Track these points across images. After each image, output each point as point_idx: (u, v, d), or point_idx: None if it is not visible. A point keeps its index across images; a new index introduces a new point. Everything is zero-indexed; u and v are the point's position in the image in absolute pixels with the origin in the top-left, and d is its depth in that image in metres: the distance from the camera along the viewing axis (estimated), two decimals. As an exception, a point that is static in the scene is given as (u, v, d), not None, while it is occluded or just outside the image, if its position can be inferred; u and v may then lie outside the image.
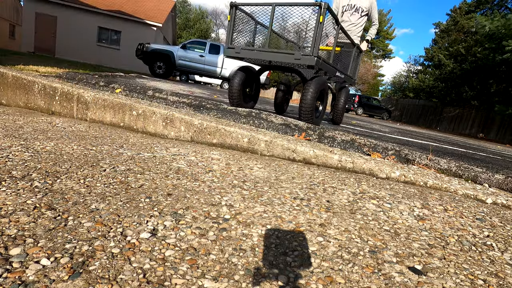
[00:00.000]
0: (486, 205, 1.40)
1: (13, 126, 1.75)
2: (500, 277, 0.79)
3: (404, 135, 4.26)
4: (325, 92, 2.84)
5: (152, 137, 2.04)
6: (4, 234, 0.70)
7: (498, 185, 1.70)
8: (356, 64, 3.81)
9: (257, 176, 1.41)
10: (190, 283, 0.62)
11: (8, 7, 21.46)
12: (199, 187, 1.17)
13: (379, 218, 1.08)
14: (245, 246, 0.79)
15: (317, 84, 2.58)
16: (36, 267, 0.60)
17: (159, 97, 2.71)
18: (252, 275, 0.67)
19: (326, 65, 2.62)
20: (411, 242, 0.93)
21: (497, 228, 1.12)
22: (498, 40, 12.22)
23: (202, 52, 10.51)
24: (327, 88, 2.82)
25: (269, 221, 0.95)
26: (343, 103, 3.65)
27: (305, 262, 0.75)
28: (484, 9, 18.66)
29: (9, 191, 0.91)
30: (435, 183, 1.56)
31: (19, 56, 6.41)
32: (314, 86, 2.54)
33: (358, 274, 0.72)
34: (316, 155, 1.80)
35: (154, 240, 0.76)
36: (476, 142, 7.61)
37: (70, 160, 1.27)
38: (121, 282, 0.60)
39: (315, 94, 2.54)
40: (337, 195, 1.27)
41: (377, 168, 1.67)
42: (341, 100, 3.64)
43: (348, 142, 2.14)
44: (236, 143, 1.95)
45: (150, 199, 0.99)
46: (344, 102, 3.66)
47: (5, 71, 2.52)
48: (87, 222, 0.80)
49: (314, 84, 2.56)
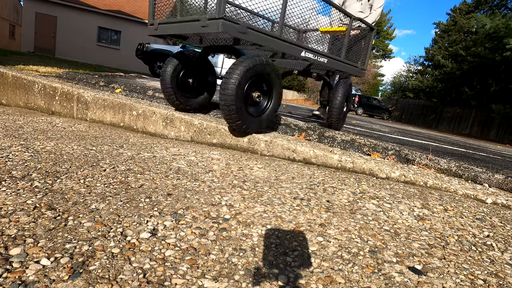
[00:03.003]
0: (486, 205, 1.40)
1: (13, 126, 1.75)
2: (500, 277, 0.79)
3: (404, 135, 4.26)
4: (266, 77, 1.84)
5: (152, 137, 2.04)
6: (4, 234, 0.70)
7: (498, 185, 1.70)
8: (360, 47, 2.92)
9: (257, 176, 1.41)
10: (190, 283, 0.62)
11: (8, 7, 21.46)
12: (199, 187, 1.17)
13: (379, 218, 1.08)
14: (245, 246, 0.79)
15: (243, 65, 1.66)
16: (36, 267, 0.60)
17: (159, 97, 2.70)
18: (252, 275, 0.67)
19: (262, 36, 1.75)
20: (411, 242, 0.93)
21: (497, 228, 1.12)
22: (498, 39, 12.23)
23: (201, 51, 10.50)
24: (269, 72, 1.83)
25: (269, 221, 0.95)
26: (339, 102, 2.71)
27: (305, 262, 0.75)
28: (484, 9, 18.67)
29: (9, 191, 0.91)
30: (435, 183, 1.56)
31: (19, 56, 6.41)
32: (237, 68, 1.66)
33: (358, 274, 0.72)
34: (316, 155, 1.80)
35: (154, 240, 0.76)
36: (476, 142, 7.61)
37: (70, 160, 1.27)
38: (121, 282, 0.60)
39: (240, 81, 1.65)
40: (337, 195, 1.27)
41: (377, 168, 1.67)
42: (337, 97, 2.71)
43: (348, 142, 2.14)
44: (236, 143, 1.95)
45: (150, 199, 0.99)
46: (340, 100, 2.71)
47: (5, 71, 2.52)
48: (87, 222, 0.80)
49: (239, 64, 1.67)
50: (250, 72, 1.71)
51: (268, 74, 1.84)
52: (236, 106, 1.68)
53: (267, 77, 1.86)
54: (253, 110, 1.88)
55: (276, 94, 1.98)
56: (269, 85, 1.93)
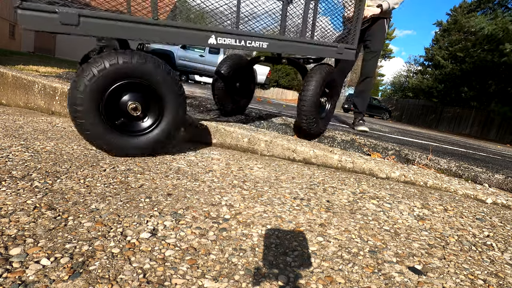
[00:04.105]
0: (486, 205, 1.40)
1: (13, 126, 1.75)
2: (500, 277, 0.79)
3: (404, 135, 4.26)
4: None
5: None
6: (4, 234, 0.70)
7: (498, 185, 1.70)
8: (339, 20, 2.16)
9: (257, 176, 1.41)
10: (190, 283, 0.62)
11: (8, 7, 21.46)
12: (199, 187, 1.17)
13: (379, 218, 1.08)
14: (245, 246, 0.79)
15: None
16: (36, 267, 0.60)
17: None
18: (252, 275, 0.67)
19: (110, 23, 1.24)
20: (411, 242, 0.93)
21: (497, 228, 1.12)
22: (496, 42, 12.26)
23: (202, 52, 10.53)
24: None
25: (269, 221, 0.95)
26: (311, 94, 1.91)
27: (305, 262, 0.75)
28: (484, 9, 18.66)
29: (9, 191, 0.91)
30: (435, 183, 1.56)
31: (19, 56, 6.41)
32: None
33: (358, 274, 0.72)
34: (316, 155, 1.80)
35: (154, 240, 0.76)
36: (476, 142, 7.61)
37: (70, 160, 1.27)
38: (121, 282, 0.60)
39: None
40: (337, 195, 1.27)
41: (377, 168, 1.67)
42: (309, 88, 1.92)
43: (348, 142, 2.13)
44: (236, 143, 1.96)
45: (150, 199, 0.99)
46: (313, 91, 1.91)
47: (5, 71, 2.52)
48: (87, 222, 0.80)
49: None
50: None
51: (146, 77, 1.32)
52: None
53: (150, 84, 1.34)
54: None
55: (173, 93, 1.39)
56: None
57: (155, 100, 1.41)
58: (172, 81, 1.37)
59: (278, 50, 1.70)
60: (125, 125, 1.41)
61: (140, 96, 1.39)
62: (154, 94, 1.38)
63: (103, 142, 1.32)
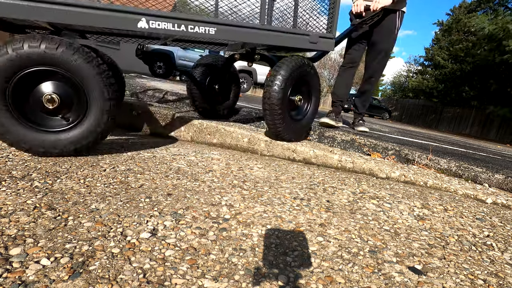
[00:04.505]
0: (486, 205, 1.40)
1: (13, 126, 1.75)
2: (500, 277, 0.79)
3: (404, 135, 4.26)
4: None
5: (152, 136, 2.04)
6: (4, 234, 0.70)
7: (498, 185, 1.70)
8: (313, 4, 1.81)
9: (257, 176, 1.41)
10: (190, 283, 0.62)
11: (8, 7, 21.43)
12: (199, 187, 1.17)
13: (379, 218, 1.08)
14: (245, 246, 0.79)
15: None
16: (36, 267, 0.60)
17: (159, 97, 2.71)
18: (252, 275, 0.67)
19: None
20: (411, 242, 0.93)
21: (497, 228, 1.12)
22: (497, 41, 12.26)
23: (202, 52, 10.52)
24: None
25: (269, 221, 0.95)
26: (276, 89, 1.63)
27: (305, 262, 0.75)
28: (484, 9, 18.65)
29: (9, 191, 0.91)
30: (435, 183, 1.56)
31: None
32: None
33: (358, 274, 0.72)
34: (316, 155, 1.80)
35: (154, 240, 0.76)
36: (476, 142, 7.61)
37: (70, 160, 1.27)
38: (121, 282, 0.60)
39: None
40: (337, 195, 1.27)
41: (377, 168, 1.67)
42: (274, 82, 1.64)
43: (348, 142, 2.14)
44: (236, 143, 1.96)
45: (150, 199, 0.99)
46: (278, 86, 1.63)
47: None
48: (87, 222, 0.80)
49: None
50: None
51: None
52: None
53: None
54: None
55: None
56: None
57: (78, 96, 1.27)
58: (99, 78, 1.24)
59: (230, 38, 1.41)
60: (38, 118, 1.25)
61: (63, 89, 1.25)
62: (78, 89, 1.25)
63: (4, 131, 1.17)
